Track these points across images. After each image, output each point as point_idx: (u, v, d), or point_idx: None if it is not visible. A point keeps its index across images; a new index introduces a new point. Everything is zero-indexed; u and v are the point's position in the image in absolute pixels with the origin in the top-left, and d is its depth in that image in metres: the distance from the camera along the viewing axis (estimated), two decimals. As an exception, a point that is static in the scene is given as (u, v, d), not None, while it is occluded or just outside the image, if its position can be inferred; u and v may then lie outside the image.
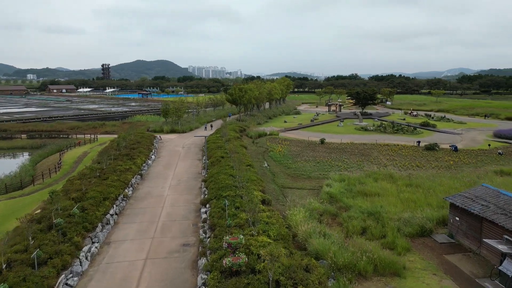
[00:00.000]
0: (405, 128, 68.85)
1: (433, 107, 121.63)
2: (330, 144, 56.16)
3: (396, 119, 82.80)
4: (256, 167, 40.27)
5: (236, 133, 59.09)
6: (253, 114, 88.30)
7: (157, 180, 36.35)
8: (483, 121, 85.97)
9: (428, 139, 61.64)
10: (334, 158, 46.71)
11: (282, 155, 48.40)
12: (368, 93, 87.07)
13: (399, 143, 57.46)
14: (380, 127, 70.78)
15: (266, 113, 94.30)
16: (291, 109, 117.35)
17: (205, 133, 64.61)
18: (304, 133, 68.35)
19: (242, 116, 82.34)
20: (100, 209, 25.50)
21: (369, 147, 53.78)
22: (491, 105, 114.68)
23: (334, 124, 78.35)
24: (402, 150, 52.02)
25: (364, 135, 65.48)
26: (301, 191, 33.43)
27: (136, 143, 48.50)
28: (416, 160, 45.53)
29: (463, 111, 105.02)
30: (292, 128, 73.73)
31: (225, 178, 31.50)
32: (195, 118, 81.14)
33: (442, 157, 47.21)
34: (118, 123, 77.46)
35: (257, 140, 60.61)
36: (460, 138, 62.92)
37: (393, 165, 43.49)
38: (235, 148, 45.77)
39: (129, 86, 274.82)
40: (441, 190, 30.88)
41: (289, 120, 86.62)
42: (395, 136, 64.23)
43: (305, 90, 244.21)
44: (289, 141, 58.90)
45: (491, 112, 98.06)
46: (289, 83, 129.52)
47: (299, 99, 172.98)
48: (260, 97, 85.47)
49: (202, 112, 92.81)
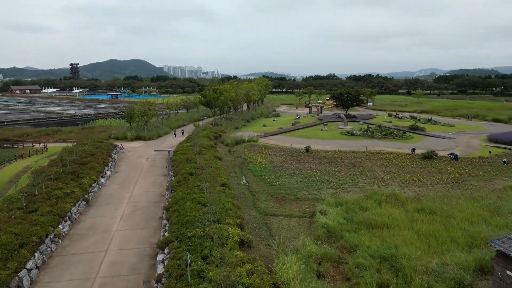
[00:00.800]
0: (394, 133, 63.60)
1: (415, 108, 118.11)
2: (316, 153, 49.87)
3: (382, 122, 77.78)
4: (232, 186, 33.33)
5: (210, 141, 51.88)
6: (230, 117, 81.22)
7: (107, 207, 28.81)
8: (470, 123, 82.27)
9: (420, 144, 56.47)
10: (323, 171, 40.34)
11: (263, 168, 41.66)
12: (352, 94, 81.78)
13: (391, 150, 51.88)
14: (367, 131, 65.26)
15: (244, 116, 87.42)
16: (270, 111, 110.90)
17: (175, 141, 57.06)
18: (286, 139, 61.93)
19: (218, 119, 75.13)
20: (9, 265, 17.96)
21: (360, 156, 47.82)
22: (473, 105, 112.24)
23: (317, 128, 72.35)
24: (397, 159, 46.34)
25: (351, 141, 59.70)
26: (289, 220, 26.72)
27: (88, 156, 40.57)
28: (416, 173, 39.77)
29: (447, 113, 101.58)
30: (272, 133, 67.19)
31: (192, 207, 24.45)
32: (165, 122, 73.28)
33: (444, 168, 41.69)
34: (77, 128, 68.56)
35: (234, 148, 53.62)
36: (453, 143, 58.11)
37: (391, 179, 37.52)
38: (208, 161, 38.67)
39: (99, 86, 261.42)
40: (463, 217, 24.90)
41: (269, 124, 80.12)
42: (384, 142, 58.76)
43: (283, 90, 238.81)
44: (270, 149, 52.26)
45: (476, 114, 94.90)
46: (267, 84, 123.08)
47: (278, 99, 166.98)
48: (237, 98, 78.50)
49: (173, 115, 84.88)
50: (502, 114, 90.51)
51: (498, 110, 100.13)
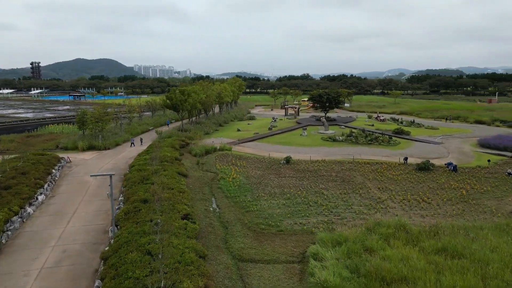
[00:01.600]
0: (380, 138, 58.32)
1: (393, 109, 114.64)
2: (298, 164, 43.50)
3: (364, 125, 72.71)
4: (199, 215, 26.33)
5: (175, 152, 44.44)
6: (200, 121, 73.73)
7: (24, 255, 21.10)
8: (454, 126, 78.63)
9: (410, 151, 51.39)
10: (308, 189, 33.96)
11: (237, 185, 34.81)
12: (332, 96, 76.32)
13: (380, 159, 46.32)
14: (350, 136, 59.69)
15: (216, 120, 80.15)
16: (244, 113, 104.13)
17: (135, 151, 49.19)
18: (262, 146, 55.32)
19: (186, 124, 67.56)
20: None
21: (348, 168, 41.84)
22: (452, 106, 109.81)
23: (296, 133, 66.19)
24: (390, 170, 40.70)
25: (334, 148, 53.87)
26: (272, 270, 19.99)
27: (18, 175, 32.42)
28: (416, 189, 34.10)
29: (427, 114, 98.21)
30: (247, 139, 60.41)
31: (137, 260, 17.36)
32: (126, 127, 64.96)
33: (445, 182, 36.25)
34: (20, 136, 59.02)
35: (204, 159, 46.43)
36: (444, 149, 53.42)
37: (390, 198, 31.60)
38: (169, 180, 31.45)
39: (62, 86, 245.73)
40: (499, 261, 19.00)
41: (243, 128, 73.31)
42: (370, 148, 53.31)
43: (257, 90, 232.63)
44: (246, 160, 45.46)
45: (457, 115, 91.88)
46: (241, 84, 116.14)
47: (252, 100, 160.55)
48: (207, 101, 71.19)
49: (136, 119, 76.43)
50: (484, 116, 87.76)
51: (478, 111, 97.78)
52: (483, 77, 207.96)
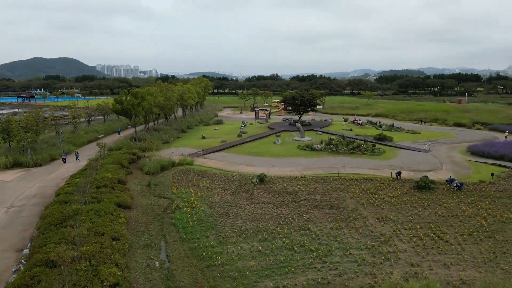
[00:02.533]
0: (363, 146, 51.80)
1: (368, 110, 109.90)
2: (274, 182, 35.80)
3: (342, 130, 66.33)
4: (138, 278, 17.95)
5: (119, 171, 35.47)
6: (159, 128, 64.47)
7: None
8: (434, 129, 73.99)
9: (398, 162, 45.17)
10: (289, 222, 26.34)
11: (198, 219, 26.63)
12: (307, 98, 69.42)
13: (368, 173, 39.57)
14: (330, 144, 52.81)
15: (178, 125, 71.10)
16: (211, 116, 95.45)
17: (73, 167, 39.64)
18: (231, 158, 47.30)
19: (141, 132, 58.25)
20: None
21: (334, 187, 34.61)
22: (428, 108, 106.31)
23: (269, 141, 58.58)
24: (384, 190, 33.88)
25: (313, 158, 46.77)
26: None
27: None
28: (423, 219, 27.27)
29: (404, 116, 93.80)
30: (213, 149, 52.13)
31: None
32: (69, 136, 54.83)
33: (456, 206, 29.72)
34: None
35: (158, 177, 37.76)
36: (435, 158, 47.60)
37: (395, 235, 24.50)
38: (102, 219, 22.85)
39: (13, 87, 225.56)
40: None
41: (209, 135, 64.88)
42: (354, 159, 46.63)
43: (225, 91, 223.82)
44: (210, 178, 37.26)
45: (434, 117, 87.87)
46: (207, 84, 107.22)
47: (220, 102, 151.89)
48: (167, 104, 62.14)
49: (84, 125, 66.01)
50: (462, 118, 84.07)
51: (455, 112, 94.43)
52: (450, 77, 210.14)
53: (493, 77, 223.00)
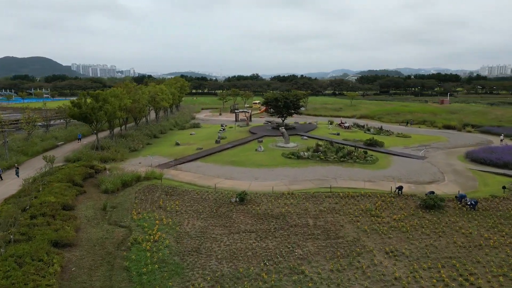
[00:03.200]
0: (354, 154, 46.84)
1: (352, 112, 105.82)
2: (257, 202, 30.16)
3: (329, 135, 61.41)
4: None
5: (67, 192, 28.99)
6: (127, 133, 57.72)
7: None
8: (424, 132, 70.05)
9: (394, 171, 40.47)
10: (279, 262, 20.76)
11: (159, 260, 20.66)
12: (291, 100, 64.16)
13: (364, 187, 34.53)
14: (318, 152, 47.61)
15: (149, 130, 64.46)
16: (187, 119, 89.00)
17: (7, 188, 32.70)
18: (207, 169, 41.42)
19: (105, 139, 51.54)
20: None
21: (328, 207, 29.27)
22: (414, 109, 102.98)
23: (250, 147, 52.91)
24: (386, 210, 28.79)
25: (300, 168, 41.48)
26: None
27: None
28: (442, 250, 22.17)
29: (390, 118, 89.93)
30: (187, 159, 46.07)
31: None
32: (21, 145, 47.57)
33: (477, 233, 24.81)
34: None
35: (118, 197, 31.52)
36: (433, 167, 43.11)
37: (415, 279, 19.22)
38: (24, 270, 16.63)
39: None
40: None
41: (184, 140, 58.68)
42: (345, 168, 41.61)
43: (204, 91, 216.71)
44: (181, 197, 31.30)
45: (421, 119, 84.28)
46: (183, 84, 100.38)
47: (198, 103, 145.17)
48: (135, 107, 55.53)
49: (41, 132, 58.50)
50: (450, 119, 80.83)
51: (442, 114, 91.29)
52: (430, 77, 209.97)
53: (472, 77, 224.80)
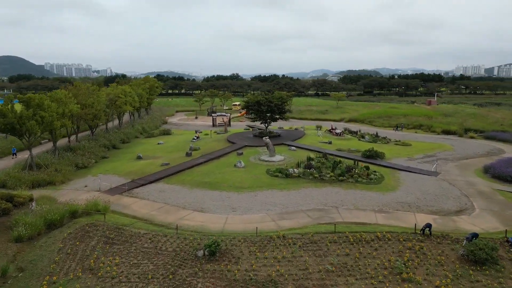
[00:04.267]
0: (354, 170, 38.29)
1: (339, 114, 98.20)
2: (234, 257, 21.10)
3: (319, 143, 52.92)
4: None
5: None
6: (76, 146, 47.40)
7: None
8: (425, 139, 62.39)
9: (407, 195, 32.33)
10: None
11: None
12: (275, 104, 55.25)
13: (376, 222, 26.04)
14: (310, 168, 38.86)
15: (109, 139, 54.23)
16: (157, 124, 78.96)
17: None
18: (171, 195, 32.08)
19: (45, 154, 41.29)
20: None
21: (337, 265, 20.49)
22: (406, 111, 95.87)
23: (228, 162, 43.65)
24: (420, 266, 20.28)
25: (291, 191, 32.76)
26: None
27: None
28: None
29: (382, 122, 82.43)
30: (147, 179, 36.50)
31: None
32: None
33: None
34: None
35: (34, 250, 21.85)
36: (451, 187, 35.12)
37: None
38: None
39: None
40: None
41: (149, 152, 49.03)
42: (348, 192, 33.12)
43: (181, 92, 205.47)
44: (126, 248, 21.88)
45: (417, 123, 77.07)
46: (153, 85, 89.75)
47: (174, 104, 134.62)
48: (86, 113, 45.39)
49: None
50: (450, 124, 73.94)
51: (437, 117, 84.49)
52: (413, 77, 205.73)
53: (456, 77, 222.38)
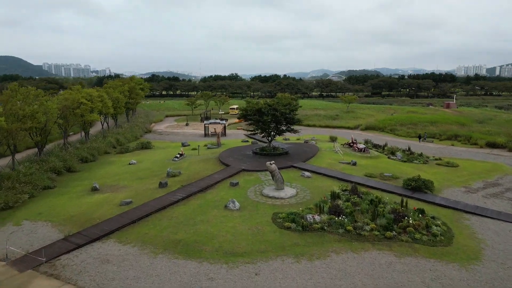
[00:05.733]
0: (407, 220, 25.36)
1: (353, 121, 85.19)
2: None
3: (340, 165, 40.06)
4: None
5: None
6: (9, 173, 34.36)
7: None
8: (470, 155, 49.43)
9: (500, 270, 19.46)
10: None
11: None
12: (282, 112, 41.81)
13: None
14: (337, 212, 25.95)
15: (64, 158, 41.28)
16: (138, 133, 66.11)
17: None
18: (116, 272, 19.18)
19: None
20: None
21: None
22: (430, 117, 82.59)
23: (217, 198, 30.69)
24: None
25: (313, 263, 20.10)
26: None
27: None
28: None
29: (407, 130, 69.20)
30: (89, 235, 23.63)
31: None
32: None
33: None
34: None
35: None
36: None
37: None
38: None
39: None
40: None
41: (110, 180, 36.24)
42: (402, 261, 20.50)
43: (176, 93, 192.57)
44: None
45: (451, 133, 64.02)
46: (134, 87, 76.61)
47: (165, 108, 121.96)
48: (19, 128, 32.46)
49: None
50: (492, 134, 61.10)
51: (470, 125, 71.66)
52: (424, 77, 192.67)
53: (470, 77, 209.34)
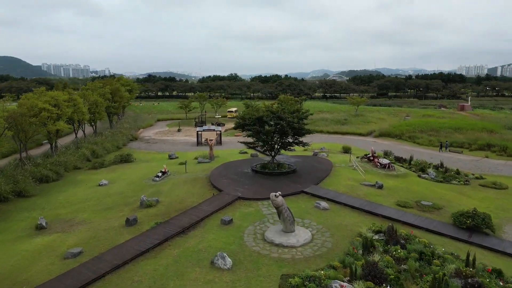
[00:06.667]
0: (481, 285, 17.11)
1: (364, 126, 76.80)
2: None
3: (361, 186, 31.82)
4: None
5: None
6: None
7: None
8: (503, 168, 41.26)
9: None
10: None
11: None
12: (288, 121, 33.08)
13: None
14: (377, 278, 17.69)
15: (16, 179, 32.90)
16: (120, 142, 57.76)
17: None
18: None
19: None
20: None
21: None
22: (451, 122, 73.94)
23: (202, 247, 22.37)
24: None
25: None
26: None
27: None
28: None
29: (429, 138, 60.82)
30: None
31: None
32: None
33: None
34: None
35: None
36: None
37: None
38: None
39: None
40: None
41: (64, 212, 27.93)
42: None
43: (172, 94, 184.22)
44: None
45: (480, 142, 55.56)
46: (118, 88, 68.11)
47: (158, 110, 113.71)
48: None
49: None
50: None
51: (500, 131, 63.31)
52: (433, 77, 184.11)
53: (482, 77, 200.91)
